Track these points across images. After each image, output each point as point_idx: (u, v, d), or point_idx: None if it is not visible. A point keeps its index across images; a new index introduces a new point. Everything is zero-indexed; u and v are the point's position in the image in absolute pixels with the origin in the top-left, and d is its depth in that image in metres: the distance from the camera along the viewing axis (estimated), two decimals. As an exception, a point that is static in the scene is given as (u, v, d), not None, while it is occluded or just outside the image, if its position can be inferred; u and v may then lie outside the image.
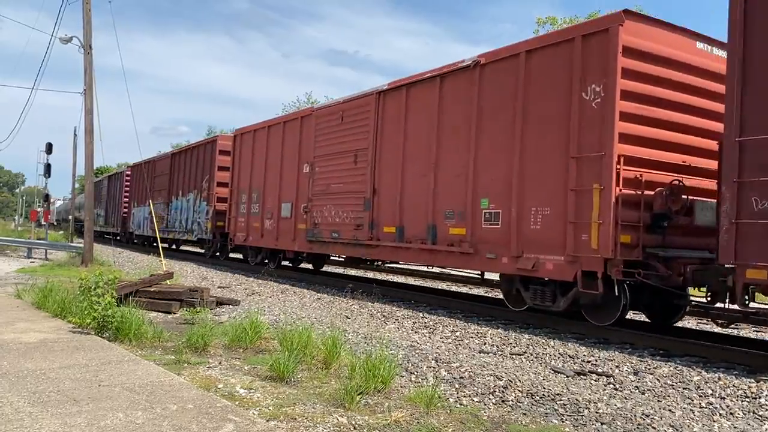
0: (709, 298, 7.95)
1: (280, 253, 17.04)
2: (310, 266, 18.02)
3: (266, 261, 17.57)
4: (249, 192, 17.96)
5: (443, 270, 14.44)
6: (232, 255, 21.06)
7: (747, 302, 7.06)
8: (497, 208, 9.68)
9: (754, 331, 9.78)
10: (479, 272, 12.41)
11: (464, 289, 15.04)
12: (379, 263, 16.26)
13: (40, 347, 6.26)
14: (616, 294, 8.15)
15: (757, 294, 7.07)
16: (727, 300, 7.56)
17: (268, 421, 4.36)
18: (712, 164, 8.13)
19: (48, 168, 29.19)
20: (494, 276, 13.95)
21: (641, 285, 8.15)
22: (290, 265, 17.89)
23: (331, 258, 17.48)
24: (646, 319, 9.88)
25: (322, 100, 54.79)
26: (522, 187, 9.26)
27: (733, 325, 10.12)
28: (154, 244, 29.23)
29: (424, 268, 15.90)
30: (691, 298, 8.80)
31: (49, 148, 28.43)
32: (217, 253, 21.74)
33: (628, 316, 9.26)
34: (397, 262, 15.37)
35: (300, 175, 15.27)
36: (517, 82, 9.47)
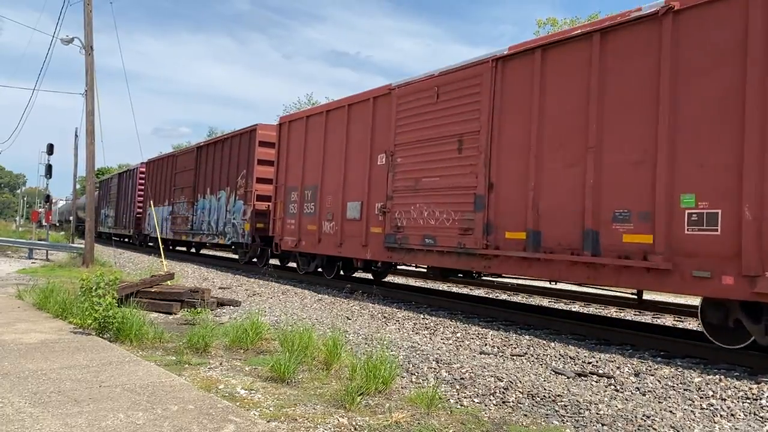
0: None
1: (340, 260, 14.75)
2: (368, 275, 16.00)
3: (320, 269, 15.40)
4: (301, 189, 15.34)
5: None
6: (273, 261, 18.45)
7: None
8: (713, 208, 7.03)
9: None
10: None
11: (465, 291, 15.04)
12: (494, 278, 13.65)
13: (41, 348, 6.27)
14: None
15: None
16: None
17: (268, 421, 4.36)
18: None
19: (49, 169, 29.22)
20: (493, 277, 13.85)
21: None
22: (358, 275, 15.84)
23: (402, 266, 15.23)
24: None
25: (323, 101, 54.88)
26: (764, 176, 6.62)
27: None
28: (176, 248, 27.67)
29: (422, 269, 13.91)
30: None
31: (50, 149, 28.47)
32: (254, 259, 19.06)
33: None
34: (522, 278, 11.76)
35: (373, 169, 12.66)
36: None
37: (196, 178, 22.92)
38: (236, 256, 20.99)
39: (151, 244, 28.56)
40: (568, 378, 6.34)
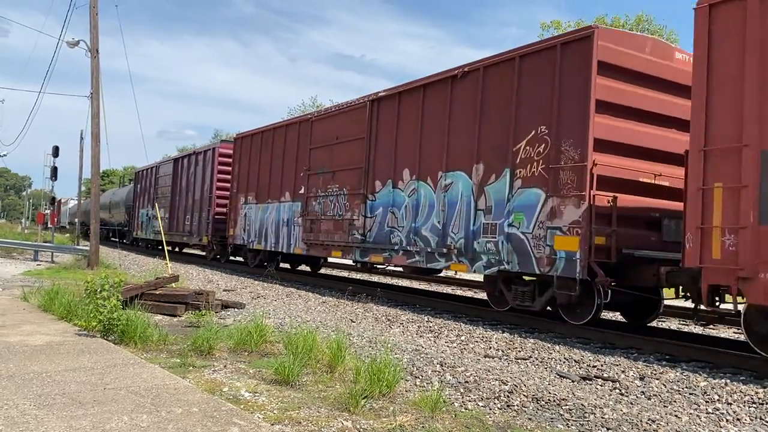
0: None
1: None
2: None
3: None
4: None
5: (447, 274, 13.84)
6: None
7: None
8: None
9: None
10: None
11: (469, 293, 15.01)
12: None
13: (45, 350, 6.28)
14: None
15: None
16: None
17: (272, 424, 4.36)
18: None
19: (54, 171, 29.30)
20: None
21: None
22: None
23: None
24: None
25: (327, 104, 54.80)
26: None
27: (739, 330, 10.08)
28: (304, 266, 19.87)
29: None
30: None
31: (55, 152, 28.54)
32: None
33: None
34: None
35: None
36: None
37: (372, 154, 13.20)
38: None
39: (251, 263, 18.89)
40: (572, 382, 6.32)
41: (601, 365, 7.02)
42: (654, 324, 10.46)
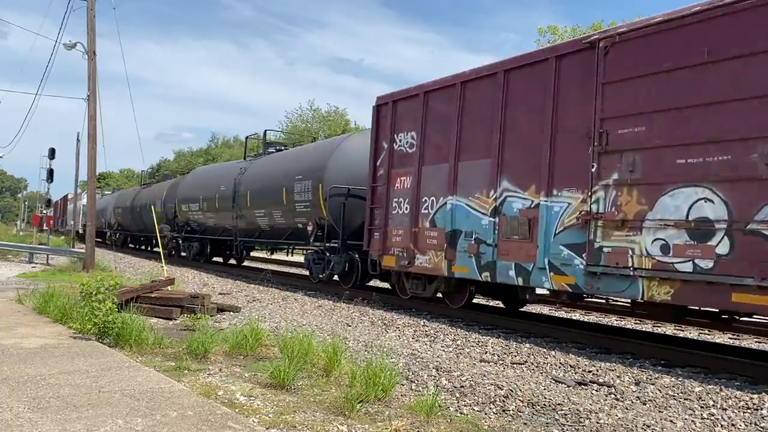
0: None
1: None
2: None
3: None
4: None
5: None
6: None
7: None
8: None
9: (755, 341, 9.75)
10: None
11: (484, 301, 15.00)
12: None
13: (40, 352, 6.26)
14: None
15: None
16: None
17: (267, 428, 4.35)
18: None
19: (51, 173, 29.26)
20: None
21: None
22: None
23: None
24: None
25: (324, 108, 54.93)
26: None
27: (734, 336, 10.11)
28: None
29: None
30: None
31: (51, 154, 28.52)
32: None
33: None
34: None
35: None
36: None
37: None
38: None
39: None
40: (568, 387, 6.33)
41: (597, 370, 7.03)
42: (649, 329, 10.50)
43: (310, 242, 15.58)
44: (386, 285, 14.18)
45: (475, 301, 12.14)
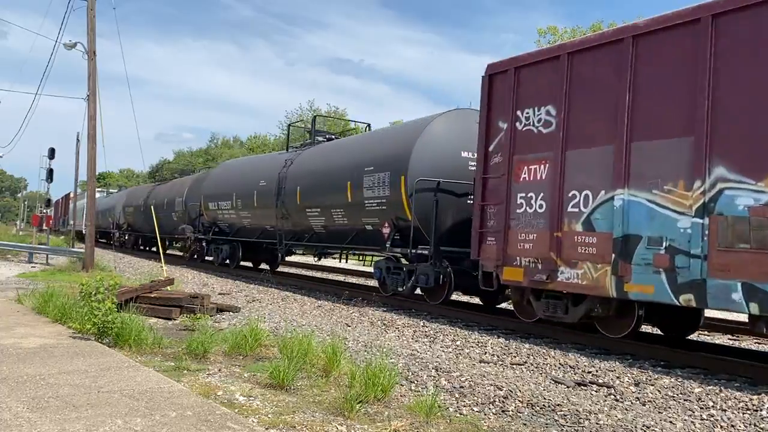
0: None
1: None
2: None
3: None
4: None
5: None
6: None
7: None
8: None
9: (755, 342, 9.75)
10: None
11: (464, 298, 15.01)
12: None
13: (39, 352, 6.25)
14: None
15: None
16: None
17: (267, 429, 4.35)
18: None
19: (50, 173, 29.26)
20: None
21: None
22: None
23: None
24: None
25: (324, 108, 55.01)
26: None
27: (734, 337, 10.12)
28: None
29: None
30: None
31: (51, 154, 28.54)
32: None
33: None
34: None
35: None
36: None
37: None
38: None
39: None
40: (567, 387, 6.33)
41: (596, 371, 7.02)
42: (649, 330, 10.50)
43: (388, 247, 12.72)
44: (476, 300, 12.63)
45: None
